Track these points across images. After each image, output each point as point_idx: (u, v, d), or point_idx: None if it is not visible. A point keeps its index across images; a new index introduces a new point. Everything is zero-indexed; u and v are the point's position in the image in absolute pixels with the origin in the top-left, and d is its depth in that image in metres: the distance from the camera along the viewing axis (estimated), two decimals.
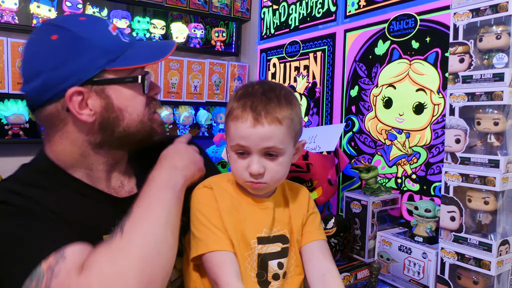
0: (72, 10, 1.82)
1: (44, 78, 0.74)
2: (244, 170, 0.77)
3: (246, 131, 0.74)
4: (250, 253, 0.78)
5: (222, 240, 0.76)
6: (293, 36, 1.93)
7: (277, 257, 0.80)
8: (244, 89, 0.79)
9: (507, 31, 0.94)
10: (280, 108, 0.75)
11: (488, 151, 0.98)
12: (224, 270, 0.74)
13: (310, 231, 0.86)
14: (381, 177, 1.46)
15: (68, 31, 0.75)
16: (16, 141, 1.75)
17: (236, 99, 0.77)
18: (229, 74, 2.24)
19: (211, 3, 2.17)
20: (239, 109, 0.75)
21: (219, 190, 0.82)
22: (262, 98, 0.75)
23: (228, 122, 0.78)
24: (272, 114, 0.74)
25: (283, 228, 0.83)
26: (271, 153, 0.76)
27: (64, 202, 0.75)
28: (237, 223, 0.79)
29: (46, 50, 0.74)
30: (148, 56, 0.82)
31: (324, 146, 1.44)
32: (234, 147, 0.77)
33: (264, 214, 0.82)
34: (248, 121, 0.74)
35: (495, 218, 0.96)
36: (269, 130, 0.74)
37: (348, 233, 1.29)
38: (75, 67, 0.74)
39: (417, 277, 1.13)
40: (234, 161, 0.79)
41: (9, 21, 1.71)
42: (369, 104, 1.52)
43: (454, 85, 1.03)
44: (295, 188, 0.91)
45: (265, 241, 0.80)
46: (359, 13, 1.57)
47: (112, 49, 0.77)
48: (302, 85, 1.87)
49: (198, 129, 2.24)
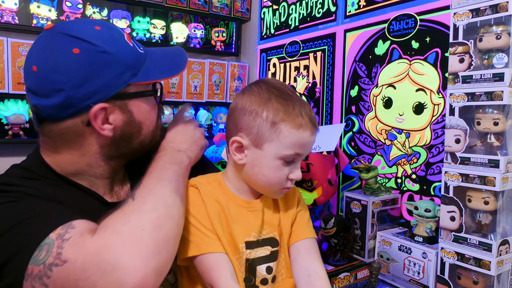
0: (72, 10, 1.82)
1: (67, 95, 0.71)
2: (286, 177, 0.76)
3: (307, 139, 0.73)
4: (238, 257, 0.77)
5: (214, 242, 0.75)
6: (293, 36, 1.93)
7: (266, 261, 0.78)
8: (279, 90, 0.75)
9: (507, 31, 0.94)
10: (312, 112, 0.77)
11: (488, 151, 0.98)
12: (219, 273, 0.72)
13: (297, 229, 0.84)
14: (381, 177, 1.46)
15: (90, 44, 0.71)
16: (16, 141, 1.75)
17: (281, 102, 0.73)
18: (229, 74, 2.24)
19: (211, 3, 2.17)
20: (297, 116, 0.72)
21: (205, 191, 0.79)
22: (303, 103, 0.75)
23: (282, 128, 0.72)
24: (316, 120, 0.76)
25: (273, 230, 0.81)
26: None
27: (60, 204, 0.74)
28: (224, 225, 0.77)
29: (69, 65, 0.70)
30: (166, 68, 0.81)
31: (324, 146, 1.44)
32: (290, 155, 0.73)
33: (253, 216, 0.80)
34: (309, 129, 0.73)
35: (495, 218, 0.96)
36: (315, 136, 0.76)
37: (348, 233, 1.29)
38: (101, 83, 0.72)
39: (417, 277, 1.13)
40: (276, 169, 0.74)
41: (9, 21, 1.71)
42: (369, 104, 1.52)
43: (454, 85, 1.03)
44: None
45: (253, 245, 0.78)
46: (359, 13, 1.57)
47: (134, 62, 0.76)
48: (302, 85, 1.87)
49: None
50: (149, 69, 0.77)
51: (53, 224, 0.63)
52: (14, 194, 0.69)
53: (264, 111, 0.73)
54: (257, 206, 0.81)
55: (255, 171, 0.77)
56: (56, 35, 0.72)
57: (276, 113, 0.72)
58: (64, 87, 0.70)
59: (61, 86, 0.70)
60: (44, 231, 0.62)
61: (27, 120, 1.75)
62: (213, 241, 0.75)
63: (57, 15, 1.82)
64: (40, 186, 0.73)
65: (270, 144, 0.73)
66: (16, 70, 1.67)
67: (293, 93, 0.77)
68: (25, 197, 0.69)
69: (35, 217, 0.65)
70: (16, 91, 1.68)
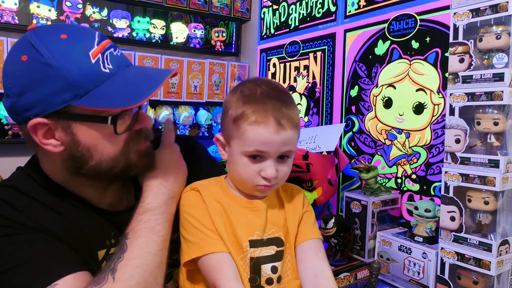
0: (72, 10, 1.82)
1: (12, 101, 0.69)
2: (256, 174, 0.75)
3: (269, 137, 0.72)
4: (243, 256, 0.76)
5: (216, 242, 0.74)
6: (293, 36, 1.93)
7: (271, 261, 0.78)
8: (252, 89, 0.75)
9: (507, 31, 0.94)
10: (295, 110, 0.75)
11: (488, 151, 0.98)
12: (222, 273, 0.71)
13: (303, 230, 0.83)
14: (381, 177, 1.46)
15: (38, 53, 0.65)
16: (16, 141, 1.75)
17: (248, 100, 0.73)
18: (229, 74, 2.24)
19: (211, 3, 2.17)
20: (258, 113, 0.72)
21: (206, 193, 0.79)
22: (280, 102, 0.73)
23: (243, 125, 0.73)
24: (292, 119, 0.73)
25: (278, 230, 0.81)
26: (284, 156, 0.75)
27: (58, 215, 0.74)
28: (228, 226, 0.77)
29: (14, 73, 0.68)
30: (124, 96, 0.68)
31: (324, 146, 1.44)
32: (251, 152, 0.73)
33: (256, 216, 0.79)
34: (271, 126, 0.71)
35: (495, 218, 0.96)
36: (290, 134, 0.73)
37: (348, 233, 1.29)
38: (38, 97, 0.66)
39: (417, 277, 1.13)
40: (244, 166, 0.75)
41: (9, 21, 1.71)
42: (369, 104, 1.52)
43: (454, 85, 1.03)
44: (289, 189, 0.88)
45: (258, 244, 0.77)
46: (359, 13, 1.57)
47: (81, 83, 0.66)
48: (302, 85, 1.87)
49: (198, 129, 2.24)
50: (100, 93, 0.67)
51: (38, 283, 0.64)
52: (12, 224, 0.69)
53: (230, 109, 0.76)
54: (260, 206, 0.80)
55: (231, 168, 0.79)
56: (24, 38, 0.69)
57: (239, 111, 0.74)
58: (9, 93, 0.69)
59: (7, 92, 0.69)
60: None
61: None
62: (215, 241, 0.74)
63: (57, 15, 1.82)
64: (36, 209, 0.72)
65: (234, 141, 0.75)
66: None
67: (279, 93, 0.76)
68: (18, 231, 0.68)
69: (24, 266, 0.66)
70: None
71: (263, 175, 0.74)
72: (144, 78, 0.73)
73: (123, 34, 1.99)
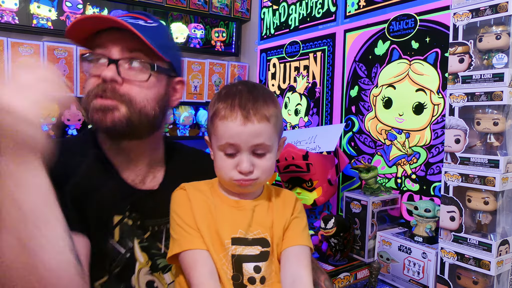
0: (72, 10, 1.82)
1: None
2: (232, 169, 0.77)
3: (236, 129, 0.74)
4: (225, 254, 0.77)
5: (194, 239, 0.76)
6: (293, 36, 1.93)
7: (254, 260, 0.78)
8: (228, 89, 0.80)
9: (507, 31, 0.95)
10: (267, 105, 0.77)
11: (487, 151, 0.98)
12: (197, 269, 0.73)
13: (290, 236, 0.83)
14: (381, 177, 1.46)
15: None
16: None
17: (221, 99, 0.78)
18: (229, 74, 2.24)
19: (211, 3, 2.17)
20: (227, 108, 0.76)
21: (193, 191, 0.82)
22: (249, 97, 0.76)
23: (216, 122, 0.77)
24: (260, 112, 0.75)
25: (265, 231, 0.81)
26: (260, 151, 0.77)
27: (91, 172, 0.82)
28: (211, 224, 0.78)
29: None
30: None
31: (324, 146, 1.44)
32: (223, 146, 0.77)
33: (241, 215, 0.81)
34: (238, 119, 0.74)
35: (494, 218, 0.96)
36: (259, 127, 0.75)
37: (348, 233, 1.29)
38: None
39: (417, 277, 1.13)
40: (221, 160, 0.78)
41: (9, 21, 1.71)
42: (369, 104, 1.53)
43: (454, 85, 1.03)
44: (282, 194, 0.89)
45: (242, 242, 0.78)
46: (359, 13, 1.57)
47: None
48: (302, 85, 1.87)
49: (198, 129, 2.25)
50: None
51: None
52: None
53: (209, 109, 0.81)
54: (247, 206, 0.82)
55: (214, 165, 0.82)
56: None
57: (214, 109, 0.79)
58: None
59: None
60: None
61: None
62: (194, 239, 0.76)
63: (57, 15, 1.82)
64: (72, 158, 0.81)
65: (212, 138, 0.80)
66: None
67: (252, 90, 0.79)
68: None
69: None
70: None
71: (238, 169, 0.76)
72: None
73: None
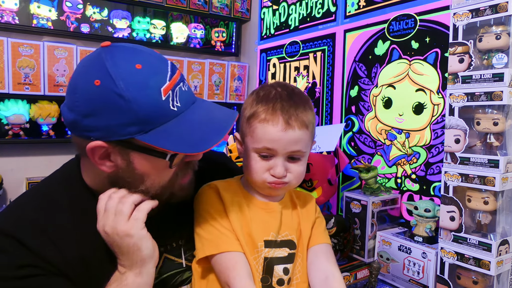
0: (72, 10, 1.83)
1: (74, 118, 0.69)
2: (265, 171, 0.77)
3: (276, 134, 0.74)
4: (256, 256, 0.77)
5: (232, 241, 0.76)
6: (293, 36, 1.93)
7: (283, 262, 0.79)
8: (266, 91, 0.78)
9: (507, 31, 0.95)
10: (307, 112, 0.77)
11: (487, 151, 0.98)
12: (236, 272, 0.73)
13: (315, 234, 0.86)
14: (381, 177, 1.46)
15: (112, 82, 0.65)
16: (16, 141, 1.75)
17: (261, 100, 0.76)
18: (229, 74, 2.24)
19: (211, 3, 2.17)
20: (268, 112, 0.75)
21: (224, 192, 0.81)
22: (290, 102, 0.75)
23: (254, 123, 0.76)
24: (301, 119, 0.75)
25: (292, 233, 0.83)
26: (295, 156, 0.77)
27: (81, 237, 0.74)
28: (244, 225, 0.78)
29: (84, 93, 0.67)
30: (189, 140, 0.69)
31: (324, 146, 1.44)
32: (260, 149, 0.76)
33: (271, 217, 0.81)
34: (279, 124, 0.74)
35: (494, 218, 0.96)
36: (299, 134, 0.75)
37: (348, 233, 1.29)
38: (104, 124, 0.67)
39: (417, 277, 1.13)
40: (255, 162, 0.77)
41: (9, 21, 1.71)
42: (369, 104, 1.53)
43: (454, 85, 1.03)
44: (302, 195, 0.91)
45: (272, 245, 0.79)
46: (359, 13, 1.57)
47: (150, 119, 0.67)
48: (302, 85, 1.87)
49: None
50: (165, 132, 0.68)
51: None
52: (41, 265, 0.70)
53: (245, 109, 0.80)
54: (275, 208, 0.82)
55: (245, 163, 0.81)
56: (98, 57, 0.69)
57: (252, 110, 0.77)
58: (75, 109, 0.69)
59: (72, 107, 0.69)
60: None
61: (27, 120, 1.75)
62: (231, 240, 0.76)
63: (57, 15, 1.82)
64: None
65: (247, 138, 0.79)
66: (16, 70, 1.67)
67: (293, 95, 0.77)
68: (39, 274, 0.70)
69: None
70: (16, 91, 1.68)
71: (271, 172, 0.77)
72: (210, 122, 0.73)
73: (123, 35, 1.99)
